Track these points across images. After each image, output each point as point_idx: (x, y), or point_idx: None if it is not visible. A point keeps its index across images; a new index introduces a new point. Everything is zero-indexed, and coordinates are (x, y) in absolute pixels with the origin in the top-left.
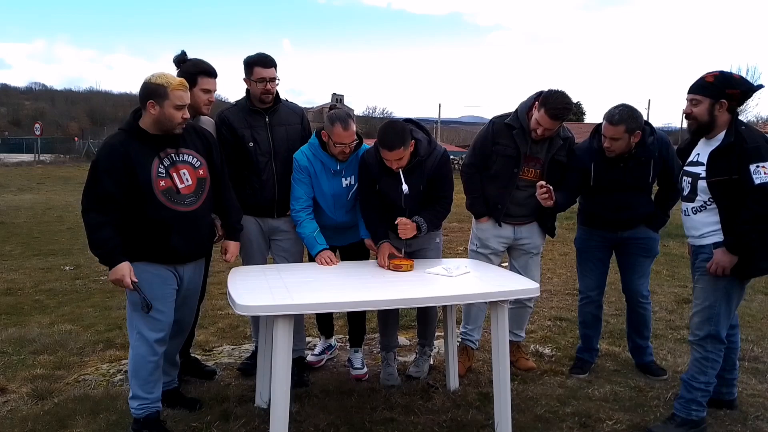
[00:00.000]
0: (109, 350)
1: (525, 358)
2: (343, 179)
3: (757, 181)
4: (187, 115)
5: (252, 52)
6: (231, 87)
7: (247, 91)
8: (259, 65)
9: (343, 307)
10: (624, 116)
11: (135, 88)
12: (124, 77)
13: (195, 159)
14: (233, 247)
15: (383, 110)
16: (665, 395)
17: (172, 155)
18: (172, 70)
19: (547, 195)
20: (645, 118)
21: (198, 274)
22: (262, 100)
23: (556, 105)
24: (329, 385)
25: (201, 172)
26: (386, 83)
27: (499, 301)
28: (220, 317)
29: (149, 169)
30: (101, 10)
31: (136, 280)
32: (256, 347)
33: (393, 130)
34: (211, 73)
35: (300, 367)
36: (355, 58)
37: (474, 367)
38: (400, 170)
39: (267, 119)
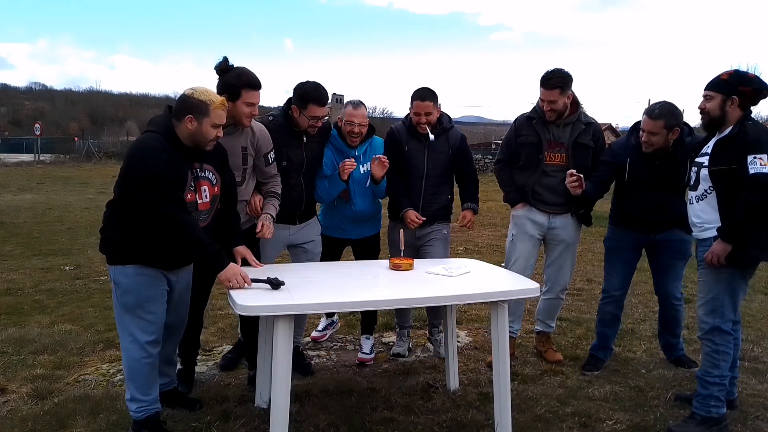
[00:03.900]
0: (109, 350)
1: (553, 350)
2: (361, 166)
3: (751, 171)
4: (221, 133)
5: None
6: None
7: (287, 111)
8: (315, 103)
9: (343, 307)
10: (664, 111)
11: (135, 89)
12: (124, 77)
13: (213, 176)
14: (244, 249)
15: (383, 110)
16: (665, 395)
17: (197, 169)
18: (172, 71)
19: (576, 183)
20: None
21: (189, 275)
22: (307, 131)
23: (547, 75)
24: (329, 385)
25: (216, 189)
26: (387, 83)
27: (499, 301)
28: (220, 317)
29: (186, 179)
30: (103, 11)
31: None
32: (239, 340)
33: (426, 87)
34: (256, 85)
35: (298, 355)
36: (356, 58)
37: (474, 367)
38: (427, 127)
39: (304, 139)
